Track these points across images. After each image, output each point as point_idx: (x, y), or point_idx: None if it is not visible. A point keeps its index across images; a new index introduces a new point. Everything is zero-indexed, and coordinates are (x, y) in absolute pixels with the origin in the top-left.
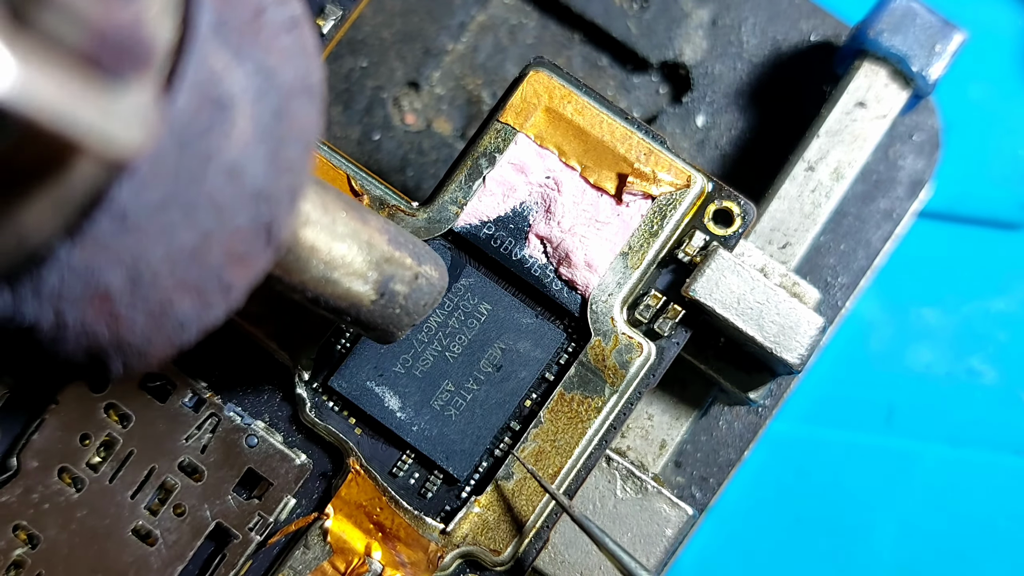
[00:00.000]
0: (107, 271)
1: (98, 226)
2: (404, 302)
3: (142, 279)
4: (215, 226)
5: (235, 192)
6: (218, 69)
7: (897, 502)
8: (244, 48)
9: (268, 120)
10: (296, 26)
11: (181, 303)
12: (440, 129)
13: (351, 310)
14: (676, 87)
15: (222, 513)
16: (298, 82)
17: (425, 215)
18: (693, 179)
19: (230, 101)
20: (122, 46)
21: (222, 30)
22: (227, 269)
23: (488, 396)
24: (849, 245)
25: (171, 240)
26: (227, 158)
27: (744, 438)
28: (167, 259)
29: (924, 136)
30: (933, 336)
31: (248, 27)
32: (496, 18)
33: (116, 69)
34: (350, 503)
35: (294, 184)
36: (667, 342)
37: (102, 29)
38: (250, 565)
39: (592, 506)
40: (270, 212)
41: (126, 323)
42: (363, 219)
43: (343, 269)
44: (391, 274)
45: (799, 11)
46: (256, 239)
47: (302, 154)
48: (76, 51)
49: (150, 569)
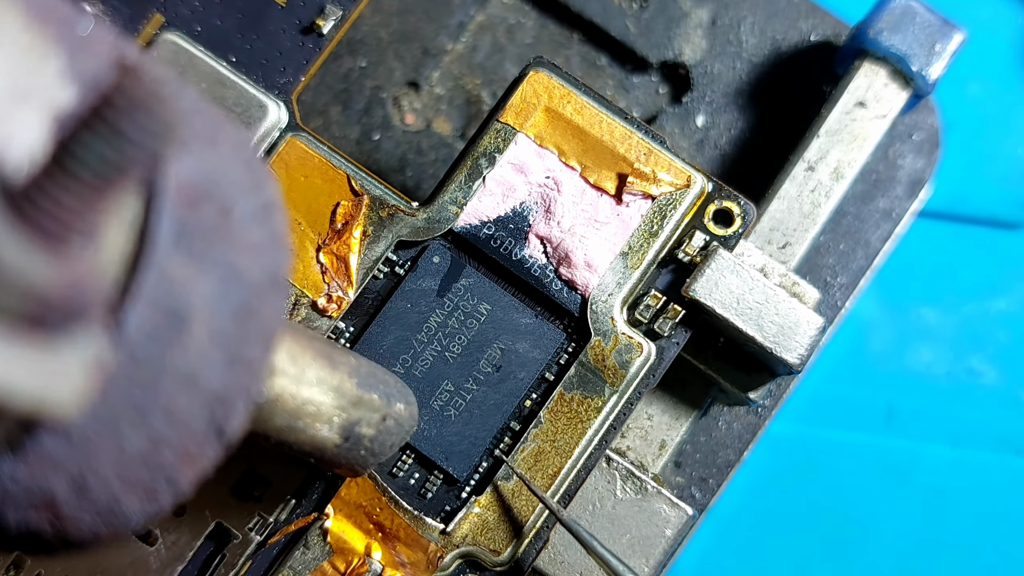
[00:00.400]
0: (52, 480)
1: (42, 443)
2: (370, 444)
3: (89, 486)
4: (167, 432)
5: (189, 399)
6: (177, 279)
7: (897, 502)
8: (208, 253)
9: (228, 323)
10: (268, 215)
11: (128, 502)
12: (440, 129)
13: (315, 453)
14: (675, 87)
15: (222, 513)
16: (264, 278)
17: (425, 215)
18: (693, 179)
19: (188, 311)
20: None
21: (184, 238)
22: (177, 469)
23: (488, 396)
24: (849, 245)
25: (120, 449)
26: (182, 368)
27: (744, 438)
28: (115, 466)
29: (924, 136)
30: (933, 336)
31: (215, 229)
32: (495, 18)
33: (58, 326)
34: (350, 503)
35: (251, 382)
36: (667, 342)
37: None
38: (250, 565)
39: (592, 506)
40: (225, 413)
41: (71, 523)
42: (333, 364)
43: (308, 418)
44: (357, 418)
45: (798, 10)
46: (208, 440)
47: (263, 352)
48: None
49: (149, 569)
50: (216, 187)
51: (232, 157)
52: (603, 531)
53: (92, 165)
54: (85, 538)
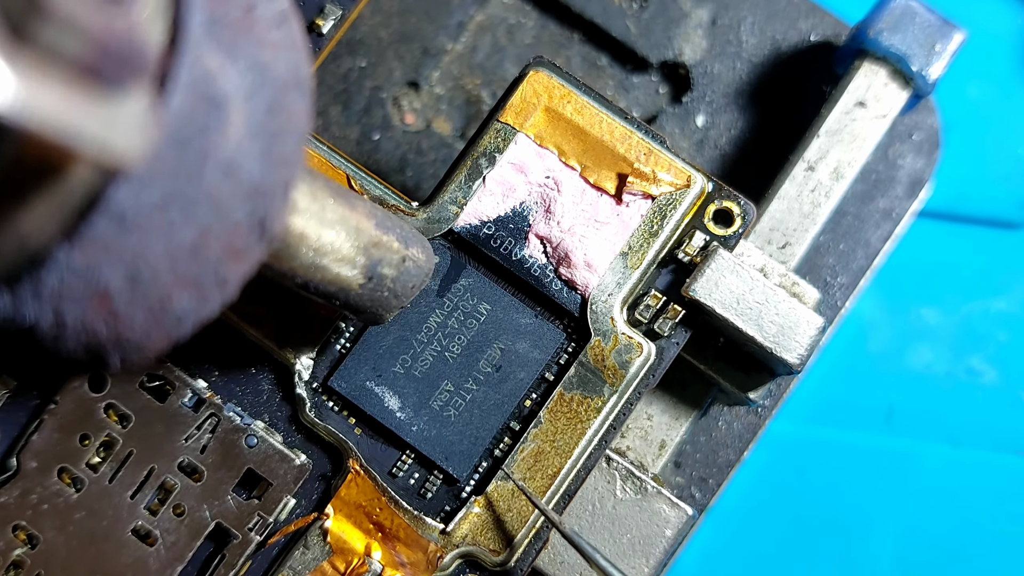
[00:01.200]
0: (106, 271)
1: (96, 228)
2: (392, 285)
3: (141, 277)
4: (213, 222)
5: (231, 188)
6: (211, 68)
7: (897, 502)
8: (236, 45)
9: (262, 116)
10: (286, 20)
11: (179, 299)
12: (439, 129)
13: (340, 294)
14: (676, 87)
15: (221, 513)
16: (290, 76)
17: (425, 215)
18: (693, 179)
19: (224, 99)
20: (121, 55)
21: (214, 28)
22: (224, 263)
23: (487, 396)
24: (848, 245)
25: (170, 238)
26: (223, 155)
27: (744, 438)
28: (166, 256)
29: (924, 136)
30: (933, 336)
31: (239, 24)
32: (495, 18)
33: (115, 78)
34: (350, 503)
35: (287, 177)
36: (667, 342)
37: (102, 40)
38: (250, 565)
39: (592, 506)
40: (265, 206)
41: (125, 320)
42: (351, 205)
43: (332, 255)
44: (379, 258)
45: (798, 10)
46: (251, 233)
47: (295, 147)
48: (76, 62)
49: (149, 569)
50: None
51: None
52: (603, 531)
53: None
54: (139, 339)
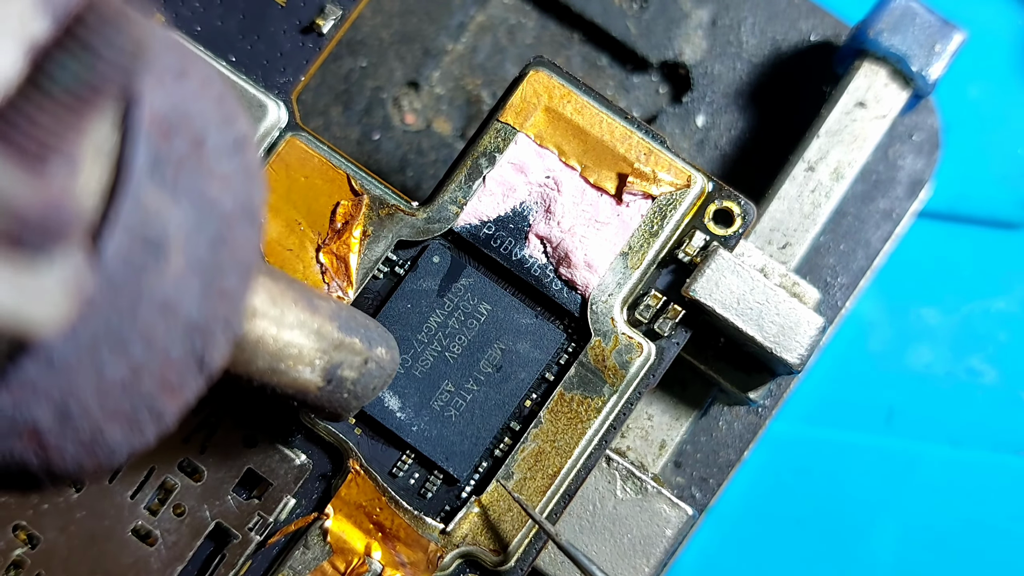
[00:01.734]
0: (35, 409)
1: (24, 370)
2: (352, 387)
3: (71, 413)
4: (147, 360)
5: (167, 327)
6: (153, 208)
7: (897, 502)
8: (182, 182)
9: (204, 252)
10: (240, 148)
11: (112, 432)
12: (440, 129)
13: (298, 396)
14: (676, 87)
15: (222, 513)
16: (238, 207)
17: (425, 215)
18: (693, 179)
19: (164, 239)
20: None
21: (158, 167)
22: (159, 399)
23: (488, 396)
24: (849, 245)
25: (101, 375)
26: (159, 295)
27: (744, 438)
28: (96, 393)
29: (924, 136)
30: (933, 336)
31: (187, 160)
32: (495, 18)
33: (38, 246)
34: (350, 503)
35: (229, 312)
36: (667, 342)
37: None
38: (250, 565)
39: (592, 506)
40: (203, 343)
41: (55, 452)
42: (313, 307)
43: (290, 360)
44: (339, 361)
45: (798, 11)
46: (188, 369)
47: (240, 282)
48: None
49: (150, 569)
50: (188, 119)
51: (203, 91)
52: (603, 531)
53: (67, 83)
54: (71, 469)
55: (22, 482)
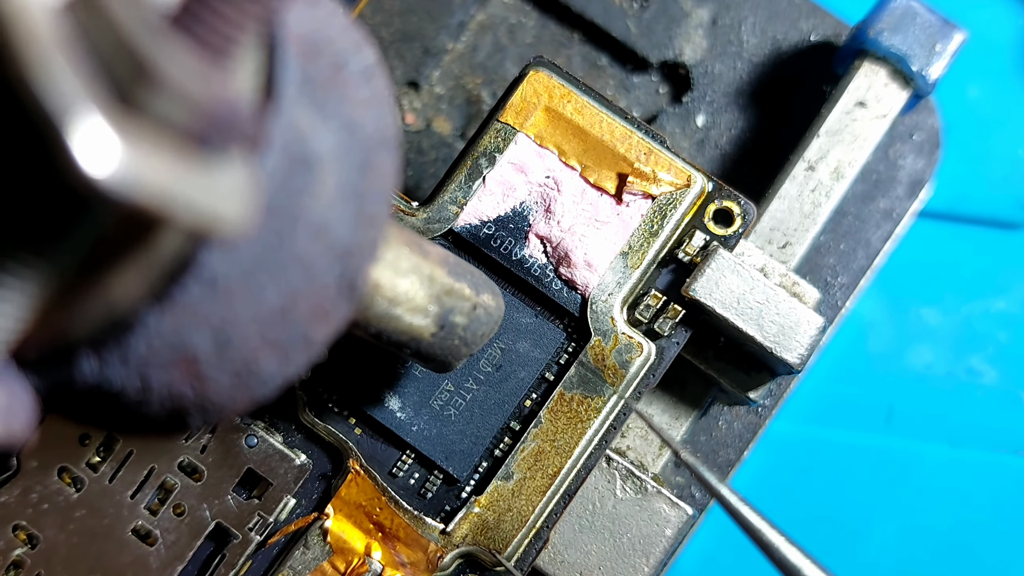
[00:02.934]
0: (194, 335)
1: (187, 292)
2: (463, 333)
3: (229, 341)
4: (302, 285)
5: (322, 251)
6: (304, 128)
7: (897, 502)
8: (328, 104)
9: (353, 176)
10: (374, 76)
11: (266, 362)
12: (440, 129)
13: (411, 343)
14: (676, 87)
15: (222, 513)
16: (379, 133)
17: (425, 215)
18: (693, 179)
19: (317, 160)
20: (227, 122)
21: (306, 88)
22: (311, 325)
23: (488, 396)
24: (849, 245)
25: (259, 301)
26: (314, 218)
27: (744, 438)
28: (255, 320)
29: (924, 136)
30: (933, 336)
31: (331, 82)
32: (495, 17)
33: (220, 145)
34: (350, 503)
35: (376, 237)
36: (667, 342)
37: (209, 108)
38: (250, 565)
39: (592, 506)
40: (354, 267)
41: (211, 384)
42: (424, 253)
43: (405, 305)
44: (451, 306)
45: (799, 10)
46: (340, 294)
47: (383, 206)
48: (182, 130)
49: (149, 569)
50: (328, 43)
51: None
52: (603, 531)
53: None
54: (224, 402)
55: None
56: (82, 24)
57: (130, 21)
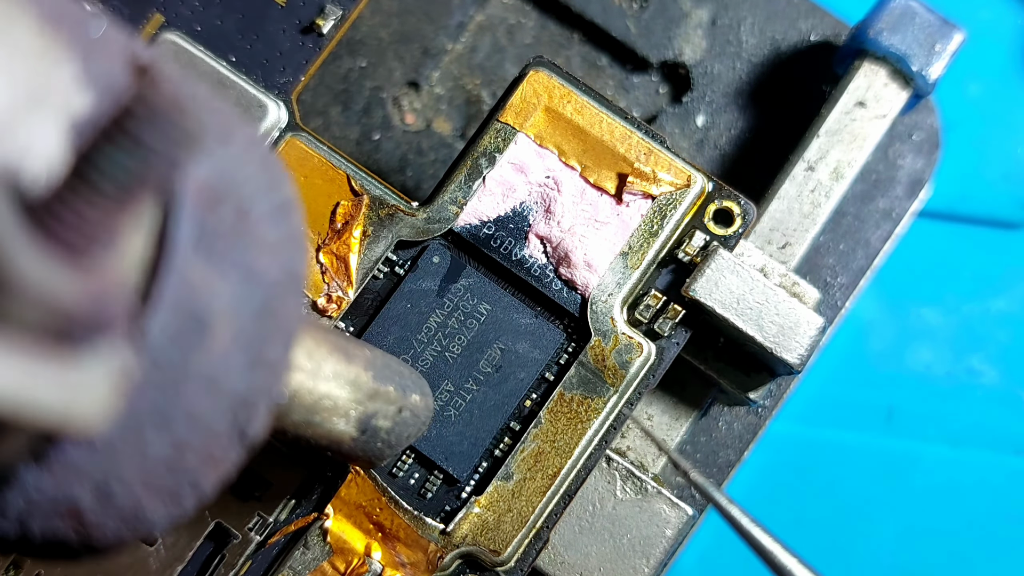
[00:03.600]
0: (75, 489)
1: (66, 452)
2: (387, 436)
3: (113, 492)
4: (190, 437)
5: (213, 403)
6: (197, 283)
7: (897, 502)
8: (227, 255)
9: (250, 325)
10: (286, 214)
11: (153, 507)
12: (440, 129)
13: (331, 447)
14: (676, 87)
15: (222, 513)
16: (284, 276)
17: (425, 215)
18: (693, 179)
19: (209, 315)
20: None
21: (203, 241)
22: (200, 472)
23: (487, 397)
24: (848, 245)
25: (144, 455)
26: (205, 371)
27: (744, 438)
28: (139, 472)
29: (924, 136)
30: (933, 336)
31: (233, 230)
32: (495, 18)
33: (83, 339)
34: (350, 503)
35: (273, 383)
36: (667, 342)
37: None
38: (250, 565)
39: (592, 506)
40: (247, 415)
41: (95, 530)
42: (348, 358)
43: (325, 412)
44: (374, 411)
45: (798, 10)
46: (231, 442)
47: (284, 351)
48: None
49: (149, 569)
50: (233, 187)
51: (247, 155)
52: (603, 531)
53: (114, 177)
54: (109, 544)
55: (59, 555)
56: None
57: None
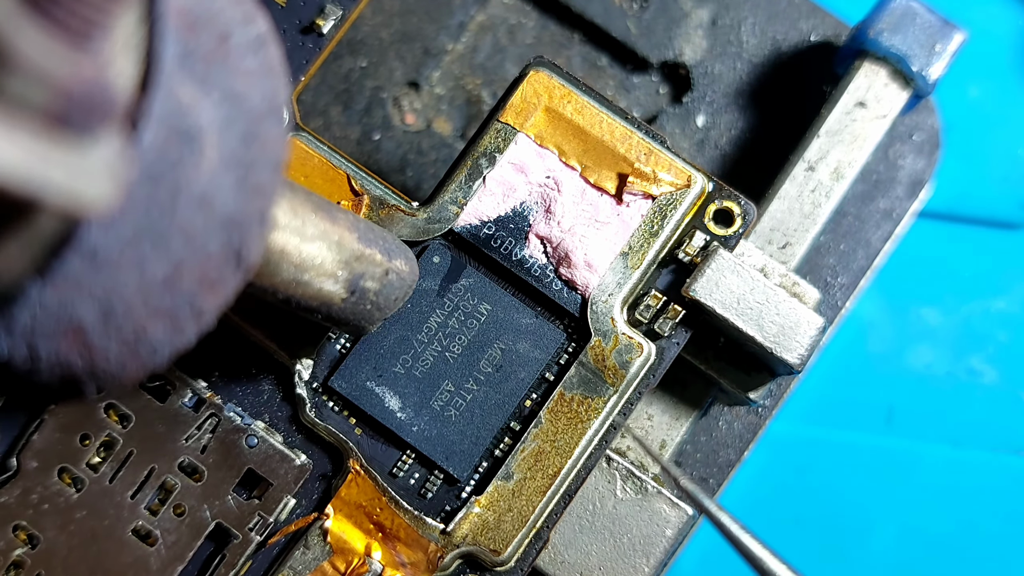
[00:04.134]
0: (79, 306)
1: (69, 265)
2: (375, 298)
3: (115, 311)
4: (186, 255)
5: (205, 221)
6: (185, 101)
7: (897, 502)
8: (210, 76)
9: (236, 146)
10: (262, 45)
11: (154, 330)
12: (440, 129)
13: (322, 308)
14: (676, 87)
15: (222, 513)
16: (265, 104)
17: (425, 215)
18: (693, 179)
19: (198, 132)
20: (90, 101)
21: (187, 60)
22: (199, 295)
23: (488, 396)
24: (849, 245)
25: (143, 272)
26: (196, 188)
27: (744, 438)
28: (139, 290)
29: (924, 136)
30: (933, 336)
31: (214, 54)
32: (495, 18)
33: (83, 124)
34: (350, 503)
35: (263, 207)
36: (667, 342)
37: (68, 88)
38: (250, 565)
39: (592, 506)
40: (240, 237)
41: (100, 352)
42: (332, 218)
43: (314, 271)
44: (361, 272)
45: (799, 11)
46: (227, 264)
47: (271, 176)
48: (42, 111)
49: (150, 569)
50: (212, 14)
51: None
52: (603, 531)
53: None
54: (114, 369)
55: (67, 386)
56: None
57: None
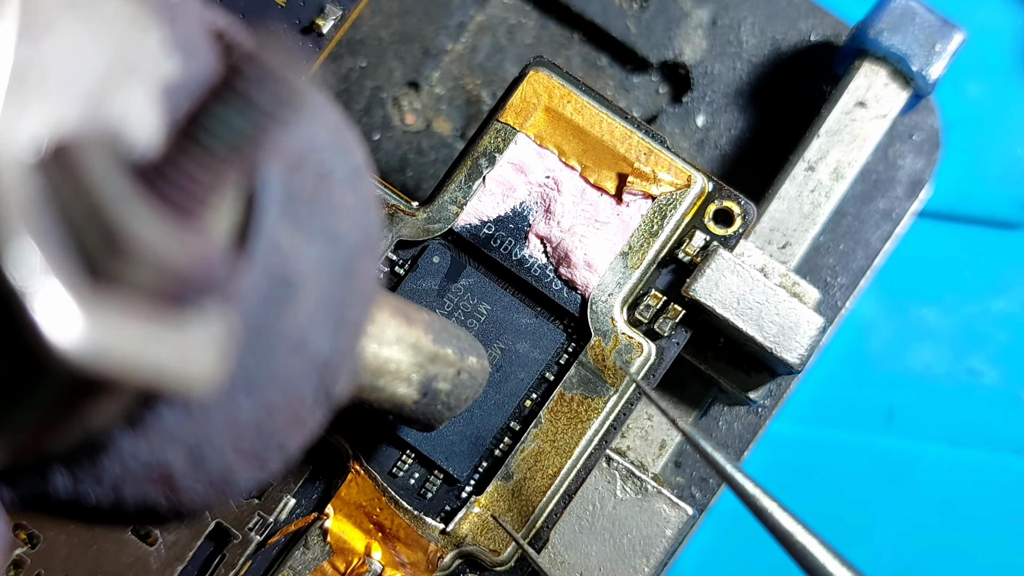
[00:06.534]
0: (169, 454)
1: (161, 418)
2: (446, 399)
3: (204, 457)
4: (279, 400)
5: (300, 365)
6: (286, 247)
7: (897, 502)
8: (312, 217)
9: (334, 287)
10: (360, 178)
11: (241, 471)
12: (440, 129)
13: (394, 410)
14: (676, 87)
15: (222, 513)
16: (363, 241)
17: (425, 215)
18: (693, 179)
19: (298, 277)
20: (202, 280)
21: (289, 205)
22: (286, 435)
23: (488, 396)
24: (848, 245)
25: (235, 419)
26: (294, 334)
27: (744, 438)
28: (230, 436)
29: (924, 136)
30: (933, 336)
31: (315, 194)
32: (495, 18)
33: (192, 302)
34: (350, 503)
35: (355, 344)
36: (667, 342)
37: (182, 270)
38: (250, 565)
39: (592, 506)
40: (332, 376)
41: (185, 494)
42: (410, 320)
43: (389, 376)
44: (434, 374)
45: (798, 11)
46: (317, 403)
47: (364, 312)
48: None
49: (150, 569)
50: (313, 152)
51: (322, 121)
52: (603, 531)
53: (224, 137)
54: (197, 508)
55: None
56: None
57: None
